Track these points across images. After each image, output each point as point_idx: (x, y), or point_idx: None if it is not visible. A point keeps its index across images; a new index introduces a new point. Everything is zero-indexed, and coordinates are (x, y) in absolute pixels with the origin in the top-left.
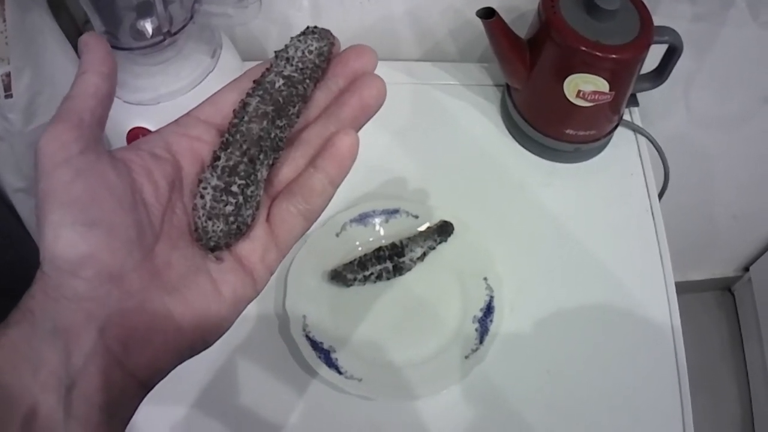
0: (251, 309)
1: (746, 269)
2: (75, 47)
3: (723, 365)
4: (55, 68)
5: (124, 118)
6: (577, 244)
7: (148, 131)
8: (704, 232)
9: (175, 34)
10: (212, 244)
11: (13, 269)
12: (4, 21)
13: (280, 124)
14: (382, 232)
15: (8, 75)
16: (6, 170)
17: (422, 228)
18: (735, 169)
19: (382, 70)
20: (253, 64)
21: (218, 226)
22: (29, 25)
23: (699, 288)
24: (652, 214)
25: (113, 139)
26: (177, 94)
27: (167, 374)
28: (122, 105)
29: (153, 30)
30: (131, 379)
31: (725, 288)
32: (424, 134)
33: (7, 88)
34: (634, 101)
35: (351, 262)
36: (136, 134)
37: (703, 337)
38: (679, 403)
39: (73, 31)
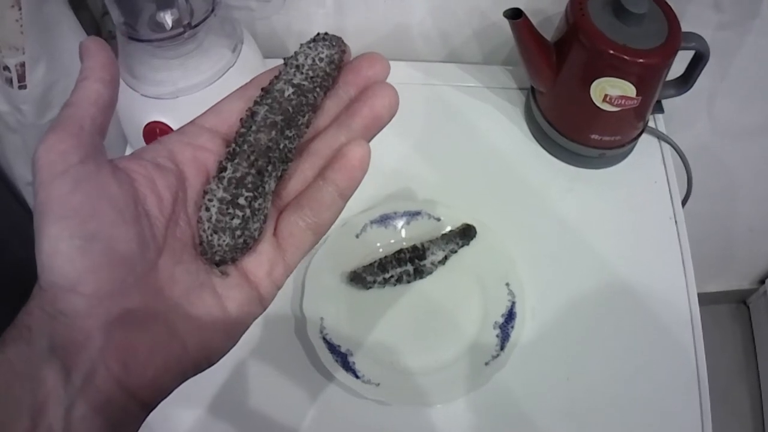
0: (268, 308)
1: (762, 282)
2: None
3: (737, 378)
4: (71, 59)
5: (141, 112)
6: (599, 250)
7: (166, 126)
8: (721, 244)
9: (196, 26)
10: (218, 258)
11: (23, 263)
12: (20, 9)
13: (290, 135)
14: (403, 234)
15: (23, 65)
16: (18, 163)
17: (444, 231)
18: (755, 180)
19: (405, 70)
20: (274, 61)
21: (224, 240)
22: (46, 15)
23: (714, 300)
24: (676, 222)
25: (130, 133)
26: (196, 88)
27: (170, 393)
28: (140, 98)
29: (173, 22)
30: (132, 399)
31: (740, 301)
32: (447, 136)
33: (21, 78)
34: (659, 108)
35: (371, 264)
36: (153, 128)
37: (717, 350)
38: (699, 416)
39: (91, 21)
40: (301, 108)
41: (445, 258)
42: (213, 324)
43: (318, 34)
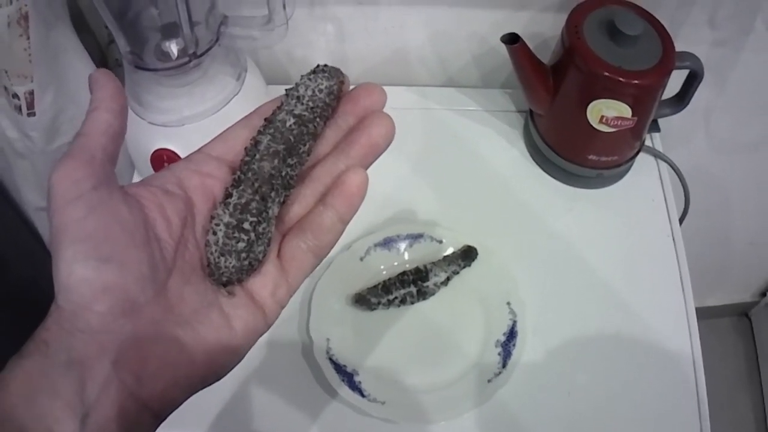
0: (275, 331)
1: (763, 294)
2: (98, 67)
3: (739, 391)
4: (78, 87)
5: (148, 139)
6: (598, 268)
7: (173, 153)
8: (721, 258)
9: (201, 56)
10: (224, 279)
11: (32, 286)
12: (28, 38)
13: (291, 163)
14: (406, 257)
15: (31, 93)
16: (28, 189)
17: (446, 253)
18: (753, 195)
19: (405, 95)
20: (277, 88)
21: (230, 262)
22: (53, 44)
23: (716, 314)
24: (674, 239)
25: (137, 160)
26: (202, 116)
27: (179, 405)
28: (147, 126)
29: (178, 51)
30: (144, 411)
31: (742, 313)
32: (447, 160)
33: (30, 106)
34: (655, 127)
35: (375, 286)
36: (160, 156)
37: (719, 363)
38: (698, 429)
39: (97, 50)
40: (302, 137)
41: (448, 279)
42: (220, 341)
43: (318, 65)
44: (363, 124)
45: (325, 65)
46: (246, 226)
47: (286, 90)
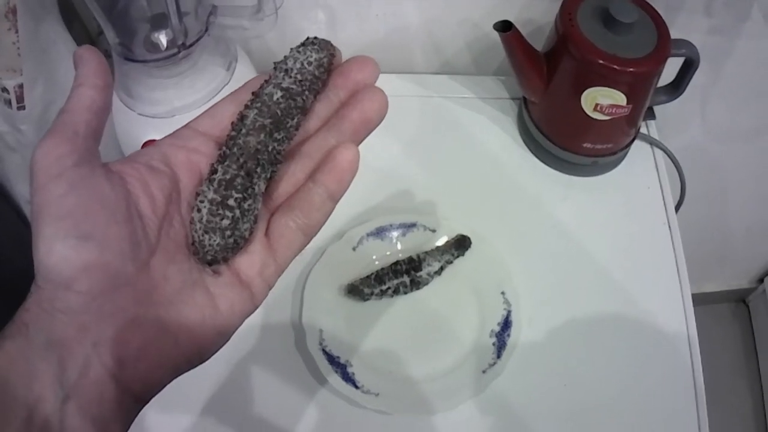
0: (267, 321)
1: (761, 281)
2: None
3: (737, 377)
4: (68, 79)
5: (138, 131)
6: (594, 257)
7: None
8: (719, 244)
9: (190, 46)
10: (209, 258)
11: (24, 279)
12: (17, 32)
13: (278, 137)
14: (399, 246)
15: (21, 86)
16: (18, 181)
17: (440, 242)
18: (750, 181)
19: (398, 82)
20: None
21: (215, 240)
22: (42, 37)
23: (713, 300)
24: (669, 227)
25: (128, 152)
26: (192, 107)
27: (163, 388)
28: (136, 118)
29: (167, 42)
30: (126, 393)
31: (740, 300)
32: (440, 147)
33: (20, 99)
34: (650, 114)
35: (368, 276)
36: None
37: (717, 349)
38: (695, 417)
39: (86, 42)
40: (290, 111)
41: (441, 269)
42: (204, 321)
43: (307, 38)
44: (355, 98)
45: (315, 38)
46: (231, 202)
47: (274, 63)
